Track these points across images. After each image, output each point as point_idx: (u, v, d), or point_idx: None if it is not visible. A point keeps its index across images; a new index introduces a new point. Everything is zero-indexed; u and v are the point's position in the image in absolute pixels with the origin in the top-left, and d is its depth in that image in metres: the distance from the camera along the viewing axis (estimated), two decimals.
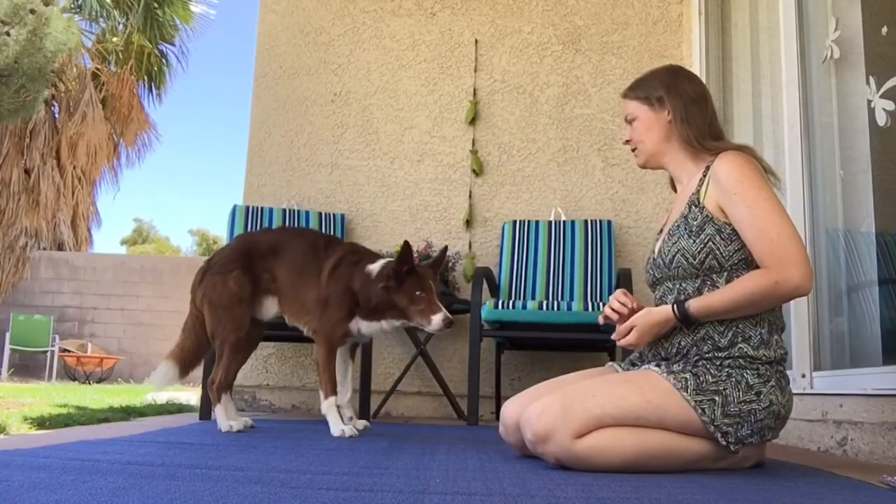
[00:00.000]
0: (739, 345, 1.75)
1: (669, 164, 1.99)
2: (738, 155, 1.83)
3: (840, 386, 2.40)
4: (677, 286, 1.86)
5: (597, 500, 1.28)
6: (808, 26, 2.83)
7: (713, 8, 3.96)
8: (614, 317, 1.92)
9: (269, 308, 2.67)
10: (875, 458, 2.10)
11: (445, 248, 2.73)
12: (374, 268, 2.52)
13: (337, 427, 2.45)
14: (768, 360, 1.75)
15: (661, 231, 2.03)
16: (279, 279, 2.61)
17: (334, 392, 2.52)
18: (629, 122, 2.01)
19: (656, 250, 1.96)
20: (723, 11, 3.93)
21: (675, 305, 1.79)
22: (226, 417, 2.57)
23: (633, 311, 1.90)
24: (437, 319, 2.37)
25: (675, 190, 2.08)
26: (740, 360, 1.74)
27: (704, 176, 1.87)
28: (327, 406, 2.52)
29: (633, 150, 2.03)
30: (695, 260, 1.80)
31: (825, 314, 2.64)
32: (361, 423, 2.64)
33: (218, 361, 2.58)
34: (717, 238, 1.79)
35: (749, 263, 1.78)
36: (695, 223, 1.82)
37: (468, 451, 2.10)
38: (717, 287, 1.79)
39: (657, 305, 1.92)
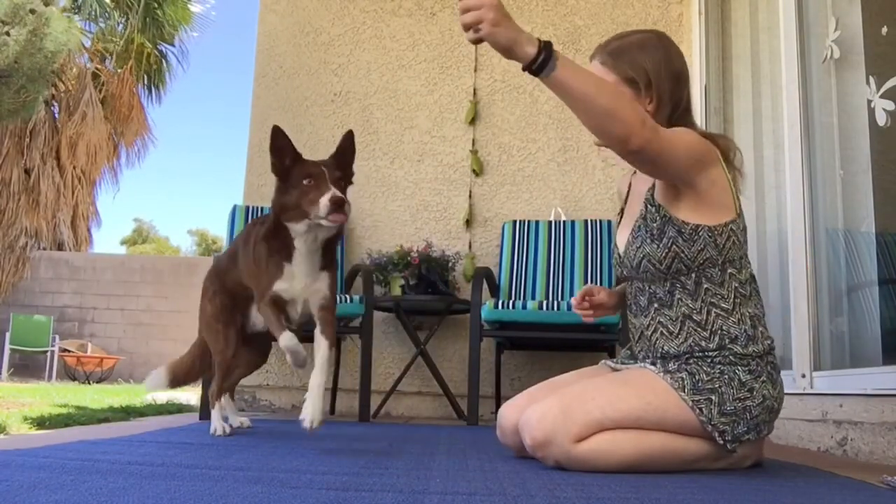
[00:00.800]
0: (728, 346, 1.74)
1: None
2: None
3: (840, 386, 2.40)
4: (647, 288, 1.85)
5: (597, 501, 1.28)
6: (808, 26, 2.83)
7: (713, 8, 3.95)
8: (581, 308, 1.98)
9: (259, 316, 2.36)
10: (875, 458, 2.10)
11: (350, 132, 2.17)
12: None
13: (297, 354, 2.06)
14: (758, 354, 1.75)
15: (622, 214, 1.99)
16: (247, 285, 2.33)
17: (284, 327, 2.09)
18: None
19: (620, 245, 1.91)
20: (723, 11, 3.93)
21: (543, 45, 1.53)
22: (218, 420, 2.41)
23: (598, 304, 2.00)
24: (322, 201, 1.96)
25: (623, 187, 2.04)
26: (731, 358, 1.74)
27: None
28: (285, 342, 2.05)
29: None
30: (661, 265, 1.77)
31: (825, 314, 2.64)
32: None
33: (217, 373, 2.47)
34: (680, 240, 1.75)
35: (715, 263, 1.75)
36: (654, 225, 1.78)
37: (468, 451, 2.10)
38: (687, 289, 1.77)
39: (631, 302, 1.92)
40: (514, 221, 3.94)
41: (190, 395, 5.29)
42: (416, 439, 2.46)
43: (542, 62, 1.52)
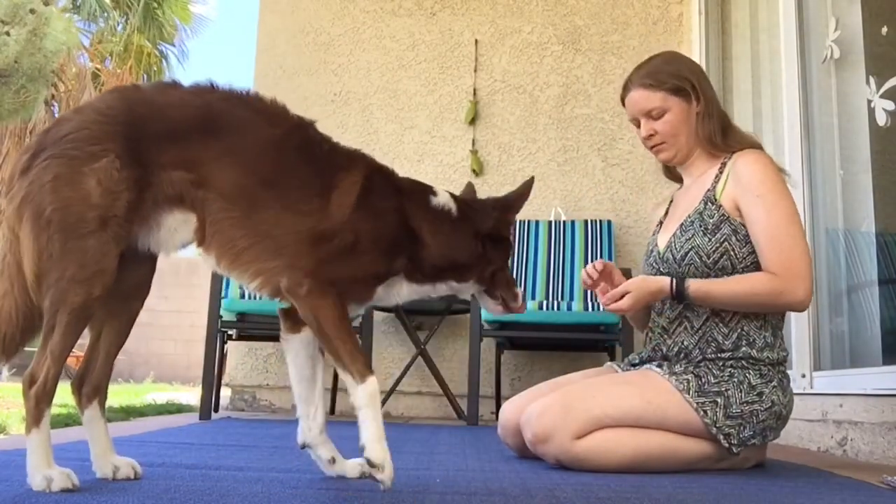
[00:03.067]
0: (743, 348, 1.75)
1: (689, 159, 1.90)
2: (762, 155, 1.81)
3: (840, 386, 2.39)
4: None
5: (597, 500, 1.28)
6: (808, 26, 2.83)
7: (713, 8, 3.96)
8: (588, 281, 1.88)
9: (175, 232, 1.38)
10: (875, 458, 2.10)
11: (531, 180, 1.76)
12: (451, 203, 1.60)
13: (381, 451, 1.27)
14: (771, 362, 1.75)
15: (661, 224, 2.00)
16: (213, 182, 1.35)
17: (370, 367, 1.38)
18: (655, 116, 1.83)
19: (661, 244, 1.91)
20: (723, 11, 3.93)
21: (674, 280, 1.76)
22: (44, 458, 1.26)
23: (605, 274, 1.86)
24: (520, 296, 1.59)
25: (671, 178, 2.04)
26: (743, 362, 1.74)
27: (721, 172, 1.83)
28: (368, 395, 1.34)
29: (656, 146, 1.88)
30: (709, 259, 1.77)
31: (825, 314, 2.64)
32: (356, 468, 1.46)
33: (45, 341, 1.31)
34: (734, 239, 1.76)
35: (759, 268, 1.76)
36: (710, 220, 1.79)
37: (468, 451, 2.10)
38: None
39: (658, 301, 1.90)
40: (515, 221, 3.93)
41: (190, 395, 5.29)
42: (416, 439, 2.46)
43: (678, 296, 1.76)
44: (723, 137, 1.85)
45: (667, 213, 2.01)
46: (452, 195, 1.62)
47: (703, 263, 1.78)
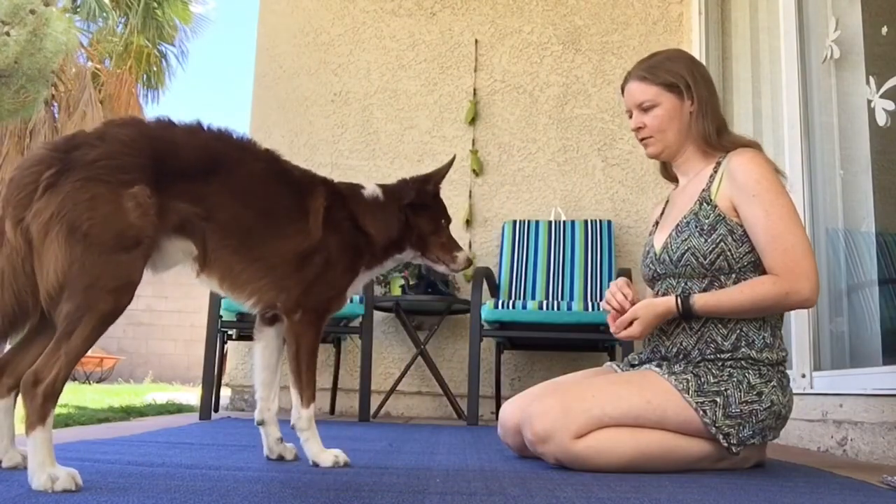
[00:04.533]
0: (742, 349, 1.75)
1: (680, 157, 1.91)
2: (757, 154, 1.80)
3: (840, 386, 2.40)
4: (682, 284, 1.82)
5: (597, 500, 1.28)
6: (808, 26, 2.83)
7: (713, 8, 3.96)
8: (609, 310, 1.86)
9: (170, 256, 1.56)
10: (875, 458, 2.10)
11: (453, 158, 2.12)
12: (378, 190, 1.86)
13: (327, 455, 1.64)
14: (770, 363, 1.75)
15: (657, 224, 1.99)
16: (214, 216, 1.53)
17: (314, 398, 1.71)
18: (644, 108, 1.86)
19: (657, 245, 1.90)
20: (723, 11, 3.93)
21: (678, 299, 1.76)
22: (48, 456, 1.27)
23: (631, 304, 1.84)
24: (461, 257, 1.84)
25: (667, 178, 2.03)
26: (742, 362, 1.74)
27: (715, 171, 1.83)
28: (307, 418, 1.67)
29: (645, 140, 1.90)
30: (705, 260, 1.77)
31: (825, 314, 2.64)
32: (293, 451, 1.78)
33: (59, 342, 1.31)
34: (730, 239, 1.76)
35: (757, 266, 1.76)
36: (706, 221, 1.78)
37: (468, 451, 2.10)
38: (724, 288, 1.78)
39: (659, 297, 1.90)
40: (514, 221, 3.94)
41: (190, 395, 5.30)
42: (416, 439, 2.46)
43: (685, 314, 1.76)
44: (717, 136, 1.84)
45: (663, 212, 2.00)
46: (378, 185, 1.89)
47: (700, 264, 1.78)
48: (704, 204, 1.81)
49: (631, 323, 1.80)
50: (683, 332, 1.81)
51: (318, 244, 1.65)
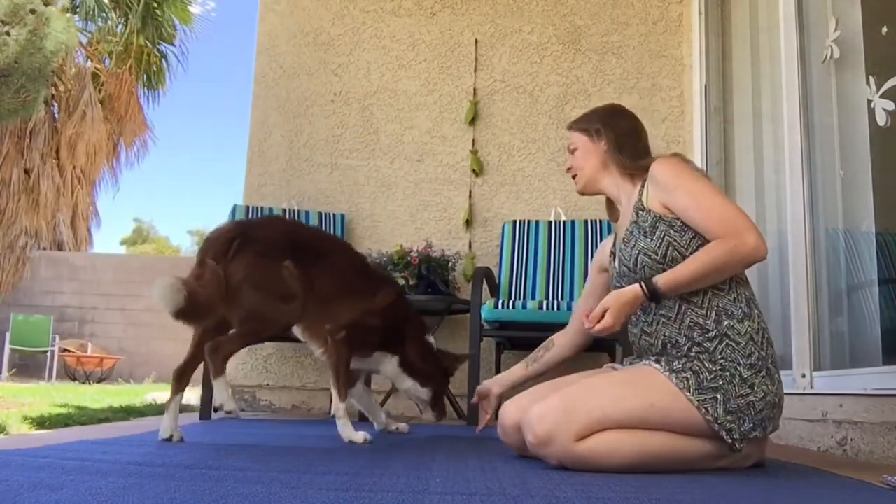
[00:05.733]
0: (724, 321, 1.79)
1: (608, 187, 2.08)
2: (669, 157, 1.94)
3: (840, 386, 2.40)
4: None
5: (597, 500, 1.28)
6: (808, 26, 2.83)
7: (713, 8, 3.96)
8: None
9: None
10: (875, 458, 2.10)
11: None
12: (432, 341, 2.56)
13: (358, 435, 2.25)
14: (753, 334, 1.78)
15: (613, 254, 2.06)
16: (313, 286, 2.22)
17: (347, 394, 2.35)
18: (571, 151, 2.13)
19: (616, 264, 2.00)
20: (723, 11, 3.93)
21: (642, 283, 1.83)
22: (227, 393, 2.09)
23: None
24: (429, 414, 2.55)
25: (612, 218, 2.16)
26: (731, 344, 1.76)
27: (643, 186, 1.94)
28: (343, 408, 2.28)
29: (574, 177, 2.15)
30: (657, 255, 1.84)
31: (825, 314, 2.64)
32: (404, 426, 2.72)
33: (237, 336, 2.16)
34: (672, 231, 1.84)
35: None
36: (646, 224, 1.88)
37: (468, 451, 2.10)
38: None
39: (636, 314, 1.93)
40: (514, 221, 3.94)
41: (190, 395, 5.29)
42: (416, 439, 2.46)
43: (652, 295, 1.82)
44: (632, 164, 2.01)
45: (615, 240, 2.10)
46: (436, 350, 2.58)
47: (654, 261, 1.85)
48: (640, 212, 1.91)
49: (603, 316, 1.85)
50: (665, 325, 1.84)
51: (375, 313, 2.35)
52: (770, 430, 1.78)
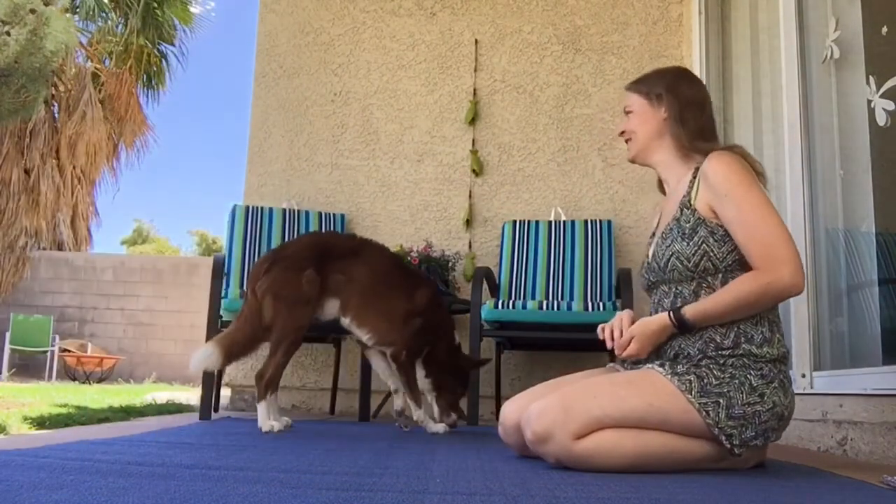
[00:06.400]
0: (743, 345, 1.75)
1: (659, 164, 1.99)
2: (726, 154, 1.83)
3: (840, 386, 2.40)
4: (673, 289, 1.86)
5: (597, 500, 1.28)
6: (808, 26, 2.83)
7: (713, 8, 3.96)
8: (607, 338, 1.92)
9: (329, 310, 2.67)
10: (875, 458, 2.10)
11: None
12: (454, 342, 2.84)
13: (440, 426, 2.75)
14: (772, 359, 1.75)
15: (654, 234, 2.03)
16: (353, 281, 2.63)
17: (420, 402, 2.77)
18: (627, 113, 2.04)
19: (650, 254, 1.96)
20: (723, 11, 3.93)
21: (671, 313, 1.79)
22: (267, 416, 2.50)
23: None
24: (448, 420, 2.77)
25: (663, 192, 2.09)
26: (744, 360, 1.74)
27: (694, 177, 1.87)
28: (421, 413, 2.78)
29: (627, 142, 2.05)
30: (689, 262, 1.80)
31: (825, 314, 2.64)
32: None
33: (271, 357, 2.52)
34: (711, 240, 1.79)
35: (743, 264, 1.78)
36: (687, 226, 1.83)
37: (468, 451, 2.10)
38: (714, 289, 1.79)
39: (654, 309, 1.93)
40: (514, 221, 3.94)
41: (190, 395, 5.30)
42: (416, 439, 2.46)
43: (680, 327, 1.79)
44: (690, 142, 1.91)
45: (658, 222, 2.04)
46: (460, 351, 2.89)
47: (685, 267, 1.81)
48: (685, 209, 1.85)
49: (630, 343, 1.84)
50: (682, 336, 1.82)
51: (417, 312, 2.68)
52: (772, 439, 1.77)
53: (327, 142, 4.23)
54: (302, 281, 2.52)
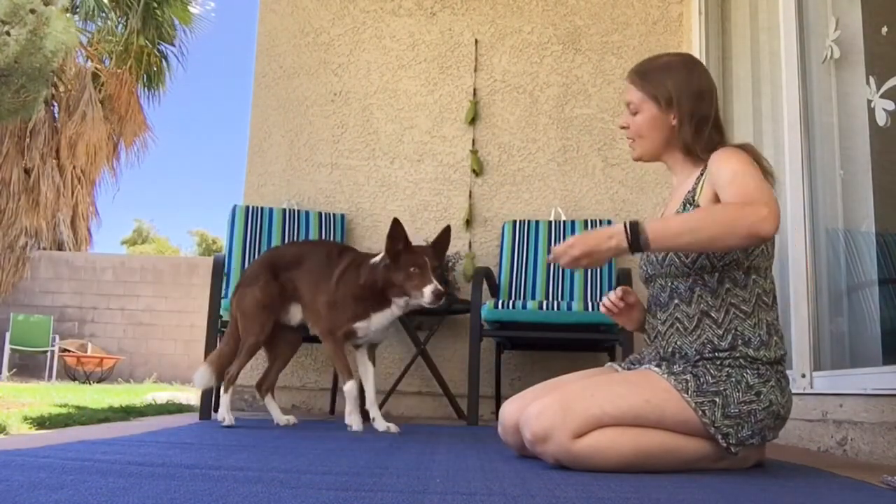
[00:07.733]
0: (739, 347, 1.75)
1: (667, 162, 1.95)
2: (733, 149, 1.79)
3: (840, 386, 2.40)
4: (669, 283, 1.85)
5: (597, 500, 1.28)
6: (808, 26, 2.83)
7: (713, 8, 3.96)
8: (611, 310, 1.97)
9: (295, 314, 2.90)
10: (875, 458, 2.10)
11: (448, 228, 2.80)
12: (377, 259, 2.76)
13: (355, 417, 2.75)
14: (769, 361, 1.75)
15: None
16: (300, 288, 2.85)
17: (351, 375, 2.74)
18: (629, 106, 1.91)
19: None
20: (723, 11, 3.93)
21: (627, 223, 1.69)
22: (227, 410, 2.77)
23: (628, 307, 1.97)
24: (427, 291, 2.57)
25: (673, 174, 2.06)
26: (741, 360, 1.74)
27: (702, 174, 1.85)
28: (348, 389, 2.74)
29: (630, 139, 1.94)
30: (687, 259, 1.79)
31: (825, 314, 2.64)
32: (383, 425, 2.74)
33: (237, 357, 2.83)
34: None
35: (740, 266, 1.77)
36: None
37: (468, 451, 2.10)
38: (709, 287, 1.79)
39: (650, 302, 1.93)
40: (514, 221, 3.94)
41: (190, 395, 5.30)
42: (416, 439, 2.46)
43: (634, 244, 1.66)
44: (703, 149, 1.84)
45: (663, 215, 2.03)
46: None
47: (683, 263, 1.80)
48: (688, 205, 1.83)
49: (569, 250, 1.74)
50: (678, 333, 1.82)
51: (335, 294, 2.77)
52: (769, 438, 1.77)
53: (327, 142, 4.23)
54: (255, 291, 2.82)
